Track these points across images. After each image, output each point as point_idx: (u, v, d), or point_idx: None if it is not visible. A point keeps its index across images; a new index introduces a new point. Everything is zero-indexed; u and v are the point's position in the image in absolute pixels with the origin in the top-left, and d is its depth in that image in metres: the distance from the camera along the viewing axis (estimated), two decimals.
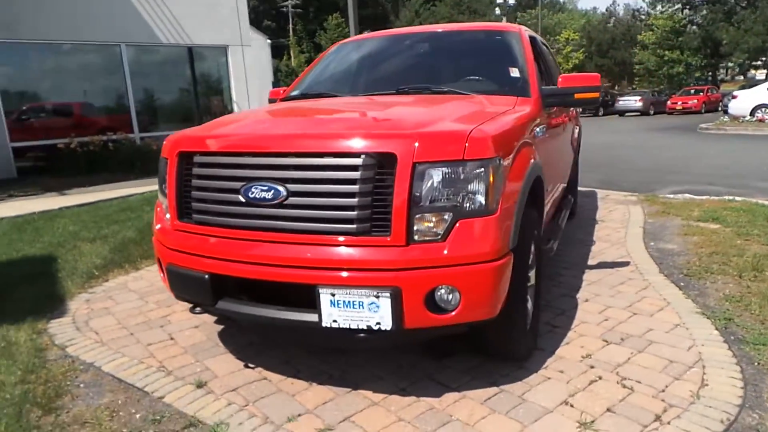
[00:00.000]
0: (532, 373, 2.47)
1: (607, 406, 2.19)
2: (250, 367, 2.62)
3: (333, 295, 2.00)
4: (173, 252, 2.40)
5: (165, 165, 2.49)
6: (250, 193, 2.14)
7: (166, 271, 2.46)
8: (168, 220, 2.49)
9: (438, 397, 2.29)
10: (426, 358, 2.65)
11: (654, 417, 2.10)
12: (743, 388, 2.27)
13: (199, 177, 2.33)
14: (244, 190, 2.16)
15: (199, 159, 2.34)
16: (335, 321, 2.03)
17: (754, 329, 2.82)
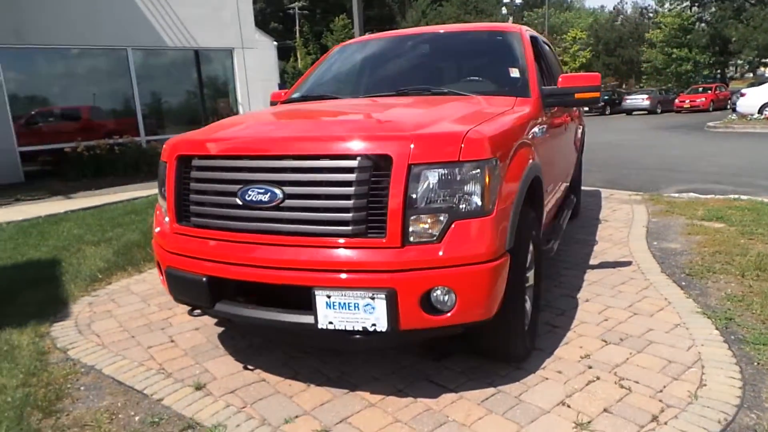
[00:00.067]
0: (530, 373, 2.46)
1: (604, 406, 2.18)
2: (249, 369, 2.64)
3: (329, 296, 2.01)
4: (172, 255, 2.42)
5: (164, 168, 2.51)
6: (246, 195, 2.16)
7: (165, 274, 2.48)
8: (167, 224, 2.51)
9: (435, 398, 2.29)
10: (424, 359, 2.65)
11: (651, 417, 2.09)
12: (742, 388, 2.26)
13: (197, 180, 2.35)
14: (241, 193, 2.17)
15: (197, 162, 2.36)
16: (331, 323, 2.04)
17: (755, 329, 2.80)
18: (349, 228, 2.02)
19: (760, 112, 17.17)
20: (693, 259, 4.01)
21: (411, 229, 2.01)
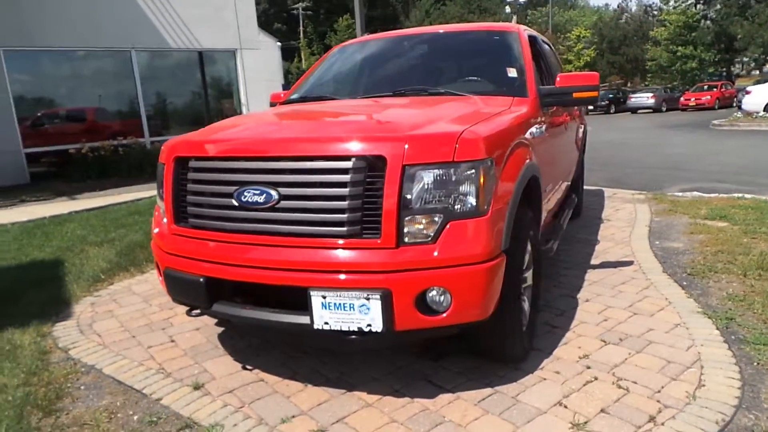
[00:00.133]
0: (528, 374, 2.46)
1: (601, 406, 2.17)
2: (248, 369, 2.65)
3: (324, 297, 2.02)
4: (170, 256, 2.43)
5: (162, 170, 2.52)
6: (243, 197, 2.17)
7: (163, 275, 2.49)
8: (165, 225, 2.52)
9: (432, 399, 2.30)
10: (422, 359, 2.65)
11: (648, 418, 2.08)
12: (741, 389, 2.25)
13: (194, 181, 2.37)
14: (237, 194, 2.18)
15: (194, 164, 2.37)
16: (327, 323, 2.05)
17: (756, 329, 2.79)
18: (344, 229, 2.02)
19: (766, 109, 17.06)
20: (695, 259, 3.99)
21: (406, 229, 2.02)
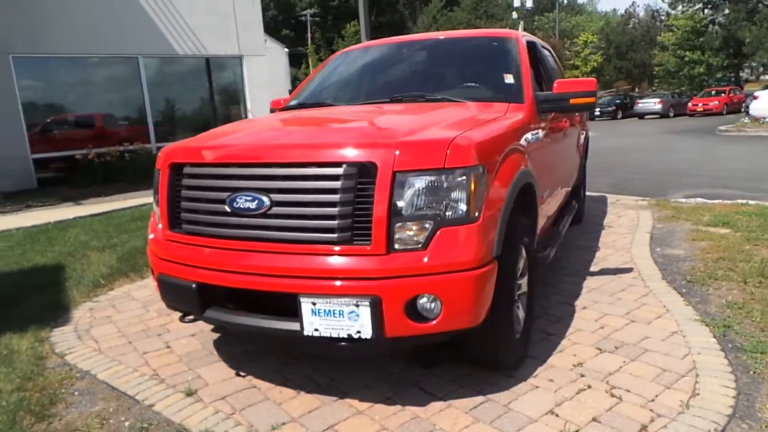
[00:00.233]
0: (521, 381, 2.45)
1: (593, 415, 2.15)
2: (241, 376, 2.65)
3: (314, 304, 2.02)
4: (164, 261, 2.45)
5: (158, 176, 2.54)
6: (235, 203, 2.18)
7: (157, 281, 2.50)
8: (160, 230, 2.54)
9: (423, 406, 2.28)
10: (414, 366, 2.64)
11: (640, 427, 2.06)
12: (735, 398, 2.22)
13: (189, 188, 2.38)
14: (229, 201, 2.20)
15: (189, 170, 2.38)
16: (317, 330, 2.04)
17: (754, 337, 2.76)
18: (335, 235, 2.02)
19: None
20: (695, 266, 3.96)
21: (396, 236, 2.02)
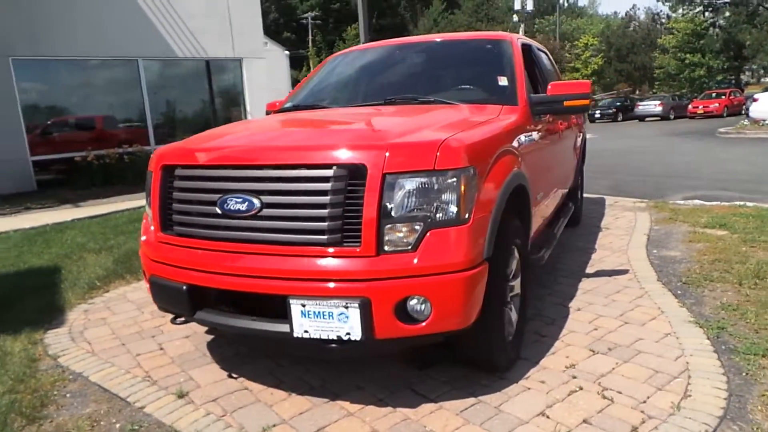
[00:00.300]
0: (513, 383, 2.44)
1: (584, 417, 2.15)
2: (233, 377, 2.64)
3: (303, 305, 2.02)
4: (155, 263, 2.45)
5: (150, 178, 2.55)
6: (225, 205, 2.18)
7: (149, 282, 2.50)
8: (152, 232, 2.54)
9: (414, 408, 2.28)
10: (409, 368, 2.64)
11: (630, 429, 2.05)
12: (727, 399, 2.21)
13: (180, 189, 2.38)
14: (220, 202, 2.20)
15: (180, 172, 2.39)
16: (306, 331, 2.04)
17: (747, 338, 2.75)
18: (325, 237, 2.02)
19: None
20: (691, 268, 3.95)
21: (386, 237, 2.01)
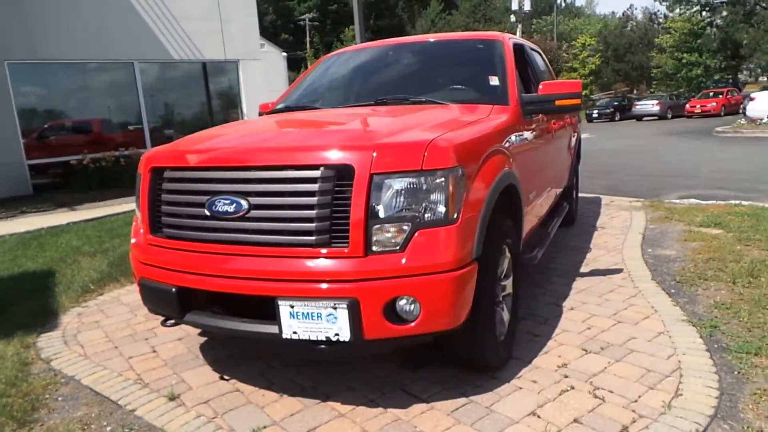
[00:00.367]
0: (504, 383, 2.43)
1: (574, 416, 2.14)
2: (225, 379, 2.64)
3: (292, 306, 2.01)
4: (145, 266, 2.44)
5: (139, 180, 2.54)
6: (214, 206, 2.18)
7: (139, 285, 2.50)
8: (142, 235, 2.53)
9: (405, 409, 2.27)
10: (401, 368, 2.63)
11: (621, 428, 2.05)
12: (718, 398, 2.21)
13: (169, 192, 2.38)
14: (208, 204, 2.19)
15: (169, 174, 2.38)
16: (295, 332, 2.04)
17: (740, 337, 2.75)
18: (313, 238, 2.02)
19: None
20: (685, 266, 3.95)
21: (374, 238, 2.01)
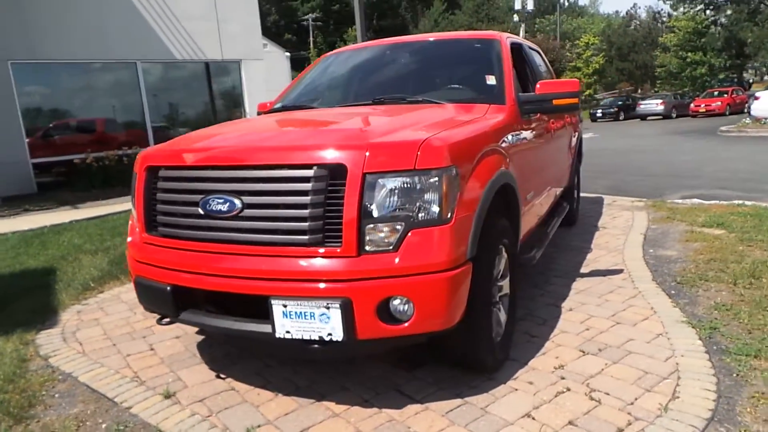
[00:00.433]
0: (500, 384, 2.42)
1: (569, 418, 2.13)
2: (221, 378, 2.64)
3: (285, 306, 2.01)
4: (140, 264, 2.45)
5: (135, 179, 2.54)
6: (208, 205, 2.17)
7: (134, 283, 2.50)
8: (138, 233, 2.53)
9: (400, 409, 2.27)
10: (397, 369, 2.62)
11: (616, 430, 2.03)
12: (716, 401, 2.19)
13: (164, 190, 2.38)
14: (202, 203, 2.19)
15: (164, 173, 2.38)
16: (288, 332, 2.03)
17: (739, 339, 2.73)
18: (306, 237, 2.01)
19: None
20: (687, 267, 3.93)
21: (367, 237, 2.00)
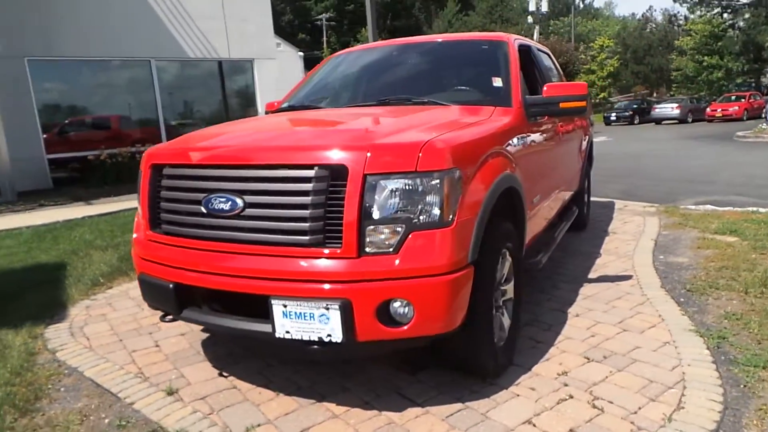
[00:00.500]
0: (502, 389, 2.40)
1: (571, 426, 2.11)
2: (224, 376, 2.65)
3: (285, 306, 2.01)
4: (145, 261, 2.46)
5: (140, 176, 2.56)
6: (210, 204, 2.18)
7: (138, 280, 2.52)
8: (142, 231, 2.55)
9: (400, 412, 2.26)
10: (399, 371, 2.61)
11: None
12: (721, 413, 2.15)
13: (168, 188, 2.40)
14: (205, 202, 2.20)
15: (168, 171, 2.40)
16: (288, 332, 2.03)
17: (749, 349, 2.68)
18: (306, 238, 2.01)
19: None
20: (697, 275, 3.87)
21: (368, 239, 2.00)
